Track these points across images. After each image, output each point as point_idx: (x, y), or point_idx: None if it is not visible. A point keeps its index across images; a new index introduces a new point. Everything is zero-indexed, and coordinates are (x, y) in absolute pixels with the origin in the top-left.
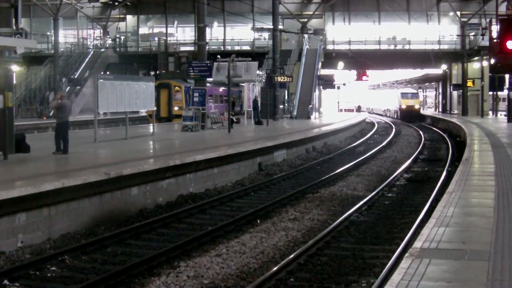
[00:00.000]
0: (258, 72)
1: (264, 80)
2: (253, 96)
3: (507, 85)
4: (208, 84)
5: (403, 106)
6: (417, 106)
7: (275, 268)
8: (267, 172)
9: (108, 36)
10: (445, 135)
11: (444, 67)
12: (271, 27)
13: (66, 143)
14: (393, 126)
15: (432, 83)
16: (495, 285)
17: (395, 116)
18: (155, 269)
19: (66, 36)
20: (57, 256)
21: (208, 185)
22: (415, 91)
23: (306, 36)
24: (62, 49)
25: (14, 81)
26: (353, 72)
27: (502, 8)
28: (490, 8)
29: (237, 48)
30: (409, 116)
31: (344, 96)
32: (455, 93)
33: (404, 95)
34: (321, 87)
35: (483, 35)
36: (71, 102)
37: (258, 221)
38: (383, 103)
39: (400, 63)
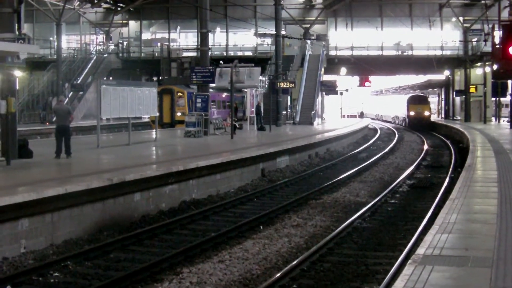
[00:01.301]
0: (260, 77)
1: (266, 86)
2: (255, 102)
3: (510, 91)
4: (210, 90)
5: (412, 113)
6: (427, 113)
7: (278, 275)
8: (270, 178)
9: (111, 42)
10: (447, 141)
11: (446, 73)
12: (274, 32)
13: (67, 148)
14: (396, 132)
15: (435, 89)
16: None
17: (403, 124)
18: (158, 275)
19: (69, 42)
20: (60, 262)
21: (211, 191)
22: (424, 96)
23: (308, 41)
24: (65, 55)
25: (17, 87)
26: (356, 78)
27: (505, 14)
28: (492, 13)
29: (239, 53)
30: (418, 124)
31: (346, 102)
32: (457, 99)
33: (412, 101)
34: (324, 93)
35: (485, 40)
36: (74, 108)
37: (261, 228)
38: (392, 109)
39: (402, 69)
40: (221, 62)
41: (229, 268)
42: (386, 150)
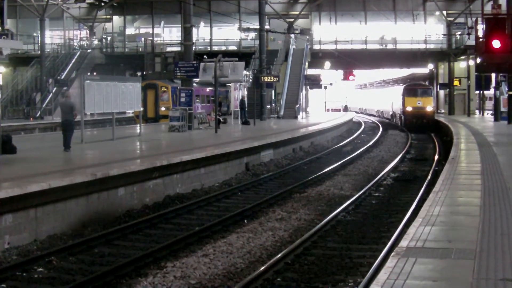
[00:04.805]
0: (244, 72)
1: (251, 80)
2: (240, 96)
3: (493, 84)
4: (194, 85)
5: (408, 108)
6: (429, 108)
7: (262, 268)
8: (254, 172)
9: (94, 37)
10: (432, 134)
11: (430, 66)
12: (258, 27)
13: (68, 140)
14: (380, 125)
15: None
16: (480, 284)
17: (400, 123)
18: (142, 269)
19: (52, 37)
20: (44, 257)
21: (195, 185)
22: (426, 86)
23: (292, 36)
24: (48, 50)
25: (1, 82)
26: (340, 72)
27: (488, 8)
28: (476, 7)
29: (223, 48)
30: (418, 123)
31: (331, 96)
32: (441, 92)
33: (409, 92)
34: (308, 87)
35: (469, 34)
36: (57, 103)
37: (245, 221)
38: (383, 103)
39: (386, 63)
40: (205, 56)
41: (213, 262)
42: (370, 143)
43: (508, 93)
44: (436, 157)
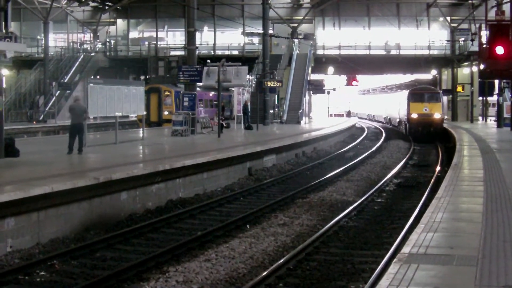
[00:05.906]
0: (248, 76)
1: (254, 85)
2: (243, 101)
3: (496, 90)
4: (198, 89)
5: (414, 115)
6: (437, 116)
7: (264, 273)
8: (257, 177)
9: (98, 40)
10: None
11: (434, 72)
12: (261, 31)
13: (80, 144)
14: (383, 131)
15: None
16: None
17: (405, 131)
18: (144, 274)
19: (56, 40)
20: (46, 261)
21: (197, 190)
22: (434, 90)
23: (296, 41)
24: (52, 53)
25: (4, 85)
26: (343, 77)
27: (492, 14)
28: (479, 13)
29: (227, 52)
30: (425, 132)
31: (334, 101)
32: (445, 98)
33: (414, 97)
34: (311, 92)
35: (472, 40)
36: (61, 107)
37: (248, 226)
38: (396, 110)
39: (390, 68)
40: (209, 61)
41: (215, 267)
42: (373, 149)
43: (511, 100)
44: (439, 163)
